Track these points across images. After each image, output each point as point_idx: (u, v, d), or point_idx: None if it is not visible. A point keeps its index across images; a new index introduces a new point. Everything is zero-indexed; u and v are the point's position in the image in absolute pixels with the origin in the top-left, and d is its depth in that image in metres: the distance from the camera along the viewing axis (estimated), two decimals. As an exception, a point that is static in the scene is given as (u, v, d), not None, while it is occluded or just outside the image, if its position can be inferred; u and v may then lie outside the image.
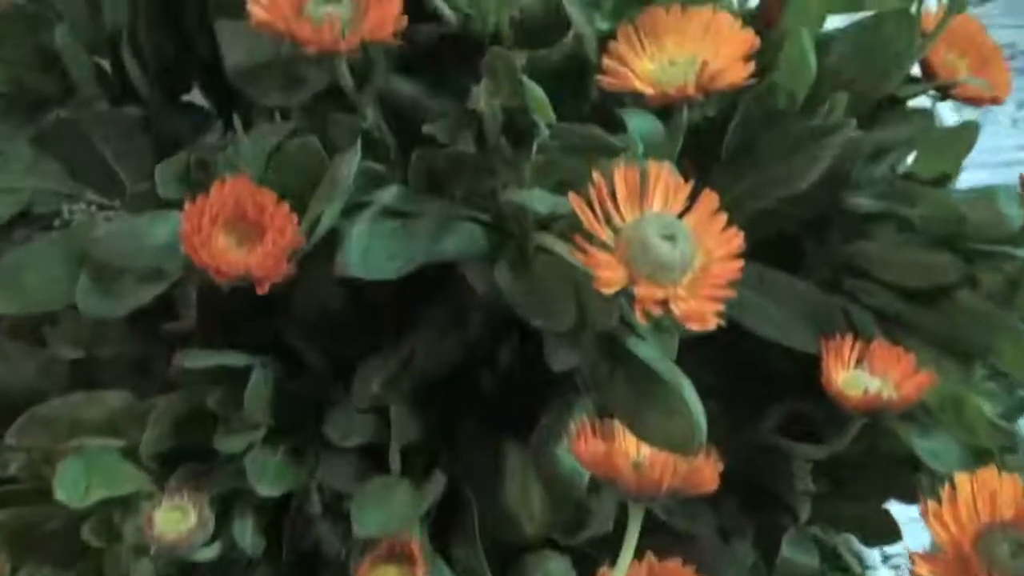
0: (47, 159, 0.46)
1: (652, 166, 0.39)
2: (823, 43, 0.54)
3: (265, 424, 0.46)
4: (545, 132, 0.42)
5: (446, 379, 0.49)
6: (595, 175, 0.38)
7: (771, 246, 0.49)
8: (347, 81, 0.46)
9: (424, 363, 0.47)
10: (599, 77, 0.46)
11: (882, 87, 0.53)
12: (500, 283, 0.42)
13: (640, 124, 0.48)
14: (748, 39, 0.46)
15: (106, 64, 0.51)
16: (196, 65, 0.55)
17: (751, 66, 0.45)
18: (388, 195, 0.44)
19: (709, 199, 0.39)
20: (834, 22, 0.56)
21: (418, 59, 0.50)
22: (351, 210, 0.44)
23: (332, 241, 0.44)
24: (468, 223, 0.45)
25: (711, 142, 0.51)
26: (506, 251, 0.44)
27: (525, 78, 0.42)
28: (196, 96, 0.57)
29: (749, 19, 0.56)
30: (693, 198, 0.39)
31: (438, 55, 0.51)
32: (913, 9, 0.53)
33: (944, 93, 0.55)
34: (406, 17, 0.45)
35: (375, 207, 0.44)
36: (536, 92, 0.42)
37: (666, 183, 0.39)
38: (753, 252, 0.44)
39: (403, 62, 0.50)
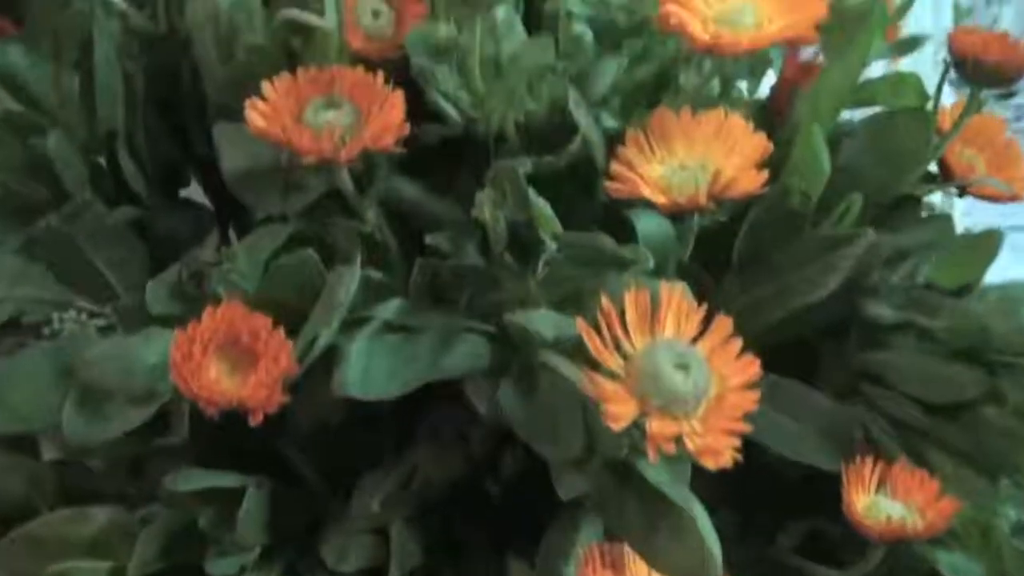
0: (36, 267, 0.45)
1: (663, 288, 0.37)
2: (836, 138, 0.53)
3: (259, 544, 0.44)
4: (552, 247, 0.41)
5: (449, 491, 0.47)
6: (604, 300, 0.36)
7: (786, 352, 0.47)
8: (348, 187, 0.45)
9: (426, 479, 0.45)
10: (607, 184, 0.45)
11: (898, 186, 0.52)
12: (504, 404, 0.40)
13: (649, 226, 0.47)
14: (760, 144, 0.45)
15: (101, 159, 0.50)
16: (195, 161, 0.54)
17: (764, 175, 0.44)
18: (389, 309, 0.43)
19: (723, 324, 0.37)
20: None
21: (421, 160, 0.48)
22: (350, 325, 0.42)
23: (330, 356, 0.42)
24: (472, 336, 0.43)
25: (722, 243, 0.49)
26: (511, 368, 0.42)
27: (532, 192, 0.40)
28: (195, 190, 0.56)
29: (759, 109, 0.55)
30: (707, 320, 0.38)
31: (442, 155, 0.49)
32: (929, 106, 0.52)
33: (962, 190, 0.54)
34: (408, 123, 0.44)
35: (375, 322, 0.42)
36: (543, 209, 0.41)
37: (678, 306, 0.37)
38: (767, 360, 0.42)
39: (405, 163, 0.48)
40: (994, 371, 0.45)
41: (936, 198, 0.55)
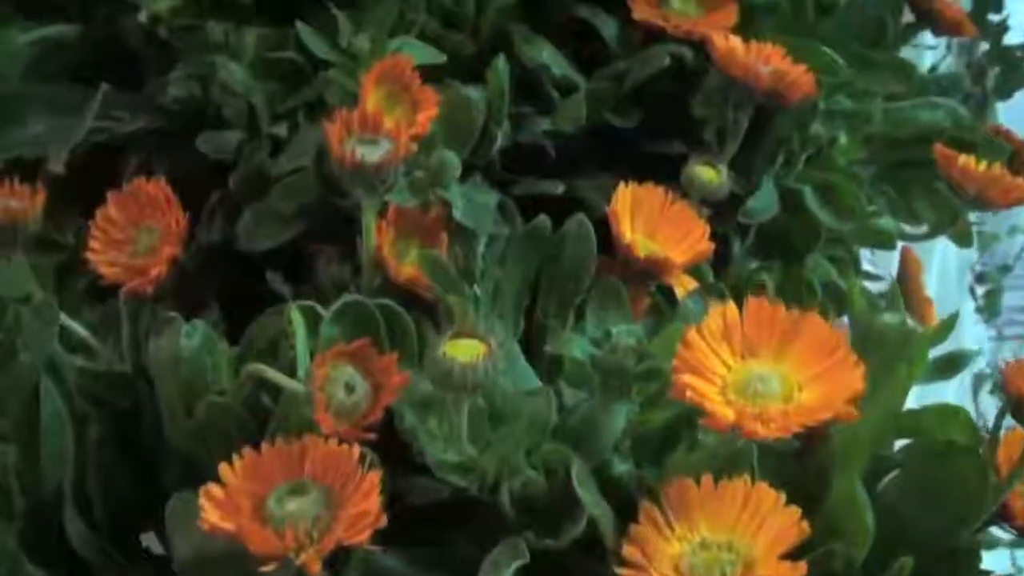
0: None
1: None
2: (877, 474, 0.47)
3: None
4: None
5: None
6: None
7: None
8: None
9: None
10: (618, 571, 0.39)
11: (953, 536, 0.45)
12: None
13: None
14: (793, 523, 0.39)
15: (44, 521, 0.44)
16: (159, 502, 0.48)
17: (802, 567, 0.37)
18: None
19: None
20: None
21: (406, 522, 0.42)
22: None
23: None
24: None
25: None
26: None
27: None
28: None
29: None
30: None
31: (430, 517, 0.43)
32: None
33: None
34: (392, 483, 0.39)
35: None
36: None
37: None
38: None
39: (388, 526, 0.42)
40: None
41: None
